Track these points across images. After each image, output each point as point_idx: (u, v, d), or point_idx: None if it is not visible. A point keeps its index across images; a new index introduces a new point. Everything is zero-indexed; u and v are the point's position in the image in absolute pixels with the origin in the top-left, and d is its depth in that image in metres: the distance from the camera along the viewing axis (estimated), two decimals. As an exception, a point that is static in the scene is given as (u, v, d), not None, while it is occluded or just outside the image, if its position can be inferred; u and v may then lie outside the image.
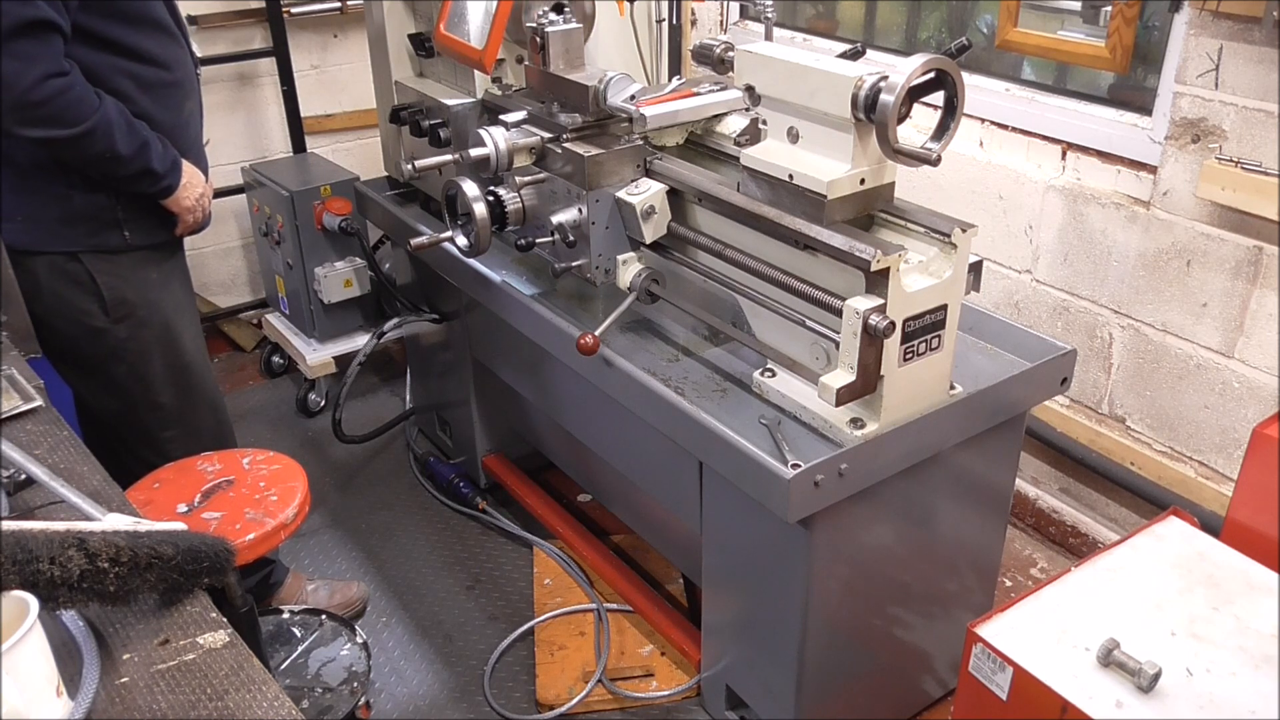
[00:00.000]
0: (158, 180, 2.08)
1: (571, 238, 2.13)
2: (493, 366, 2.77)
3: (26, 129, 1.88)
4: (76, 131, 1.90)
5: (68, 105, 1.87)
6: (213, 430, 2.36)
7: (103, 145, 1.95)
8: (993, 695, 1.63)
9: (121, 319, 2.15)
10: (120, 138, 1.96)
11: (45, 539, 1.12)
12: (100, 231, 2.09)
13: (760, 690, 2.16)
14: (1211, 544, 1.85)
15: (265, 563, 2.51)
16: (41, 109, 1.85)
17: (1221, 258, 2.30)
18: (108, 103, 1.95)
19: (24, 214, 2.03)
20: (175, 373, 2.26)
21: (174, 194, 2.13)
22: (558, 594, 2.68)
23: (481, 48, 2.27)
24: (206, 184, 2.24)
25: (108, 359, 2.18)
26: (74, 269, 2.09)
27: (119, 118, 1.97)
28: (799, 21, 3.49)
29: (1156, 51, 2.43)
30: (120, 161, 2.00)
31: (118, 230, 2.11)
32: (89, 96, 1.91)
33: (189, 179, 2.16)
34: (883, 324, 1.65)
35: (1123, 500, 2.71)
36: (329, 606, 2.59)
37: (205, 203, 2.24)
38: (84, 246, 2.08)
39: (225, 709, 1.11)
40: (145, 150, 2.02)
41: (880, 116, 1.62)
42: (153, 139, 2.04)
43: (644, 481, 2.29)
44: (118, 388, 2.21)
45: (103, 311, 2.13)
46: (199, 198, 2.19)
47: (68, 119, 1.88)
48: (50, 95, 1.84)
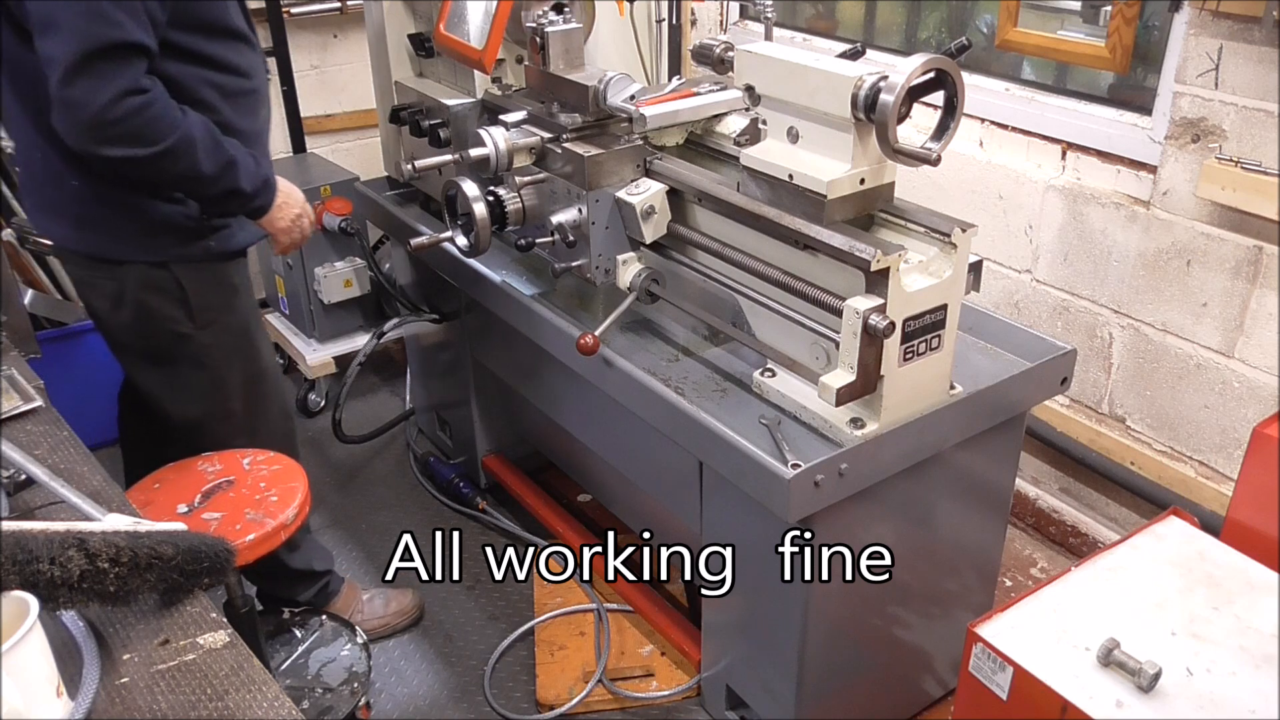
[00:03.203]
0: (247, 200, 2.01)
1: (571, 238, 2.13)
2: (493, 366, 2.77)
3: (104, 148, 1.79)
4: (155, 150, 1.81)
5: (146, 123, 1.78)
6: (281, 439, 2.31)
7: (184, 165, 1.86)
8: (993, 695, 1.63)
9: (207, 325, 2.10)
10: (204, 157, 1.88)
11: (45, 539, 1.12)
12: (185, 242, 2.03)
13: (760, 690, 2.16)
14: (1211, 544, 1.85)
15: (324, 572, 2.53)
16: (117, 127, 1.76)
17: (1221, 257, 2.30)
18: (192, 120, 1.86)
19: (107, 225, 1.98)
20: (251, 379, 2.22)
21: (266, 214, 2.06)
22: (558, 594, 2.68)
23: (481, 48, 2.26)
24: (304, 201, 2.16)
25: (190, 365, 2.13)
26: (161, 277, 2.04)
27: (204, 135, 1.88)
28: (799, 21, 3.49)
29: (1156, 51, 2.43)
30: (204, 181, 1.92)
31: (202, 240, 2.05)
32: (169, 114, 1.82)
33: (284, 198, 2.08)
34: (883, 324, 1.65)
35: (1123, 500, 2.71)
36: (384, 615, 2.60)
37: (304, 223, 2.16)
38: (169, 256, 2.03)
39: (225, 709, 1.11)
40: (231, 169, 1.94)
41: (880, 116, 1.62)
42: (241, 157, 1.96)
43: (644, 481, 2.29)
44: (195, 394, 2.17)
45: (188, 318, 2.08)
46: (295, 218, 2.12)
47: (145, 137, 1.80)
48: (127, 114, 1.75)
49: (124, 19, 1.74)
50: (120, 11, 1.73)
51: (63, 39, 1.71)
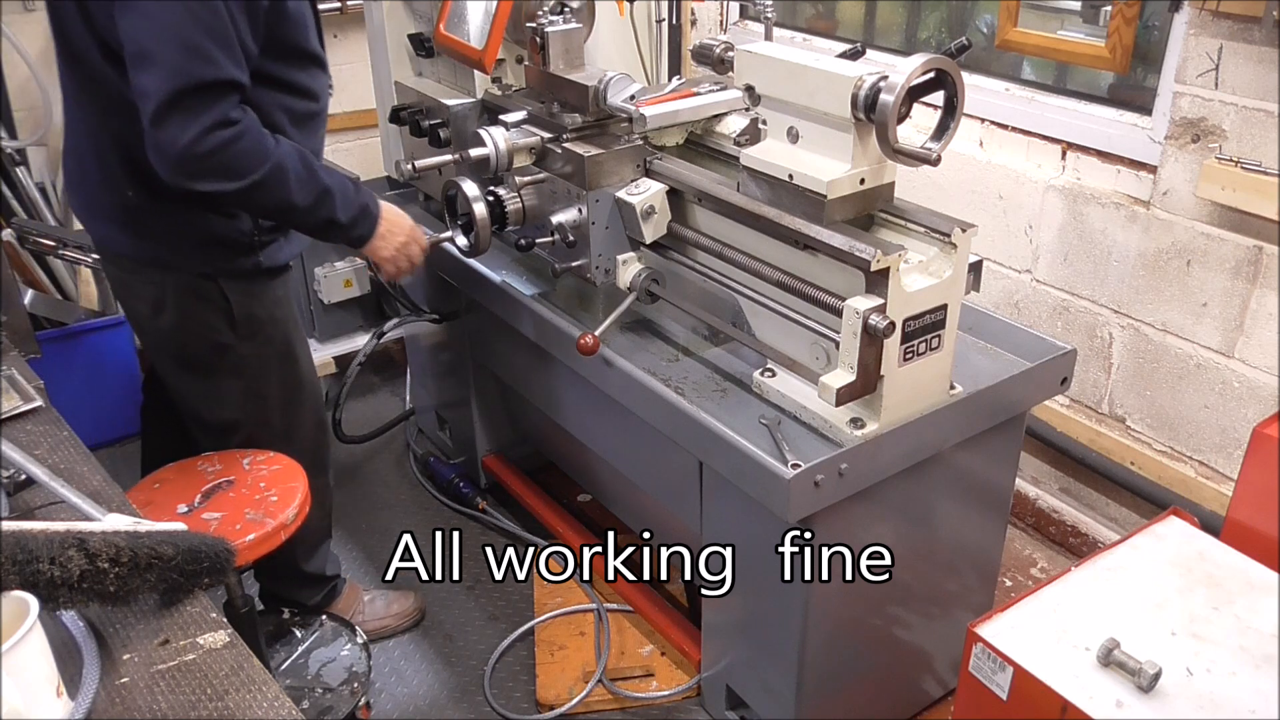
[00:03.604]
0: (345, 230, 1.97)
1: (571, 238, 2.13)
2: (493, 367, 2.77)
3: (195, 183, 1.76)
4: (245, 184, 1.78)
5: (234, 157, 1.75)
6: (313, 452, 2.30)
7: (276, 196, 1.84)
8: (993, 695, 1.63)
9: (248, 337, 2.08)
10: (296, 187, 1.84)
11: (45, 539, 1.12)
12: (234, 256, 2.01)
13: (760, 690, 2.16)
14: (1211, 544, 1.85)
15: (333, 577, 2.53)
16: (206, 161, 1.73)
17: (1221, 257, 2.30)
18: (284, 150, 1.83)
19: (158, 234, 1.96)
20: (289, 391, 2.21)
21: (368, 244, 2.02)
22: (558, 594, 2.68)
23: (481, 48, 2.26)
24: (412, 229, 2.11)
25: (228, 374, 2.11)
26: (206, 287, 2.01)
27: (296, 166, 1.84)
28: (799, 21, 3.49)
29: (1156, 51, 2.43)
30: (298, 212, 1.89)
31: (253, 255, 2.02)
32: (259, 146, 1.79)
33: (388, 226, 2.04)
34: (883, 324, 1.65)
35: (1123, 500, 2.71)
36: (385, 617, 2.60)
37: (412, 250, 2.11)
38: (216, 270, 2.00)
39: (225, 709, 1.11)
40: (326, 199, 1.90)
41: (880, 116, 1.62)
42: (338, 187, 1.92)
43: (644, 481, 2.29)
44: (231, 402, 2.15)
45: (230, 328, 2.05)
46: (400, 246, 2.07)
47: (235, 171, 1.77)
48: (215, 147, 1.72)
49: (220, 56, 1.72)
50: (217, 48, 1.71)
51: (157, 74, 1.68)
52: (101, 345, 3.22)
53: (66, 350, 3.15)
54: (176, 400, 2.21)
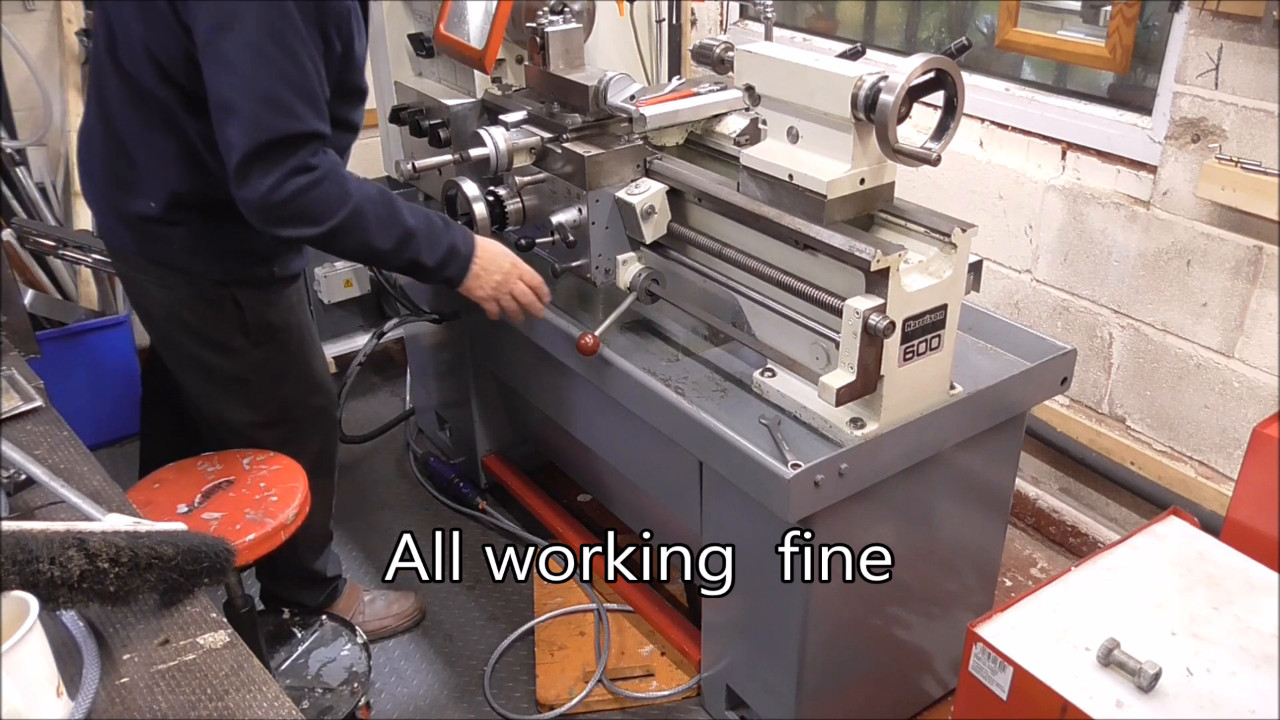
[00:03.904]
0: (433, 273, 1.95)
1: (571, 238, 2.13)
2: (493, 367, 2.77)
3: (277, 229, 1.79)
4: (325, 229, 1.79)
5: (311, 203, 1.76)
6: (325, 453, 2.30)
7: (356, 240, 1.83)
8: (993, 695, 1.63)
9: (262, 343, 2.08)
10: (376, 231, 1.83)
11: (45, 539, 1.12)
12: (251, 266, 2.01)
13: (760, 690, 2.16)
14: (1211, 544, 1.85)
15: (334, 577, 2.53)
16: (285, 209, 1.74)
17: (1221, 257, 2.30)
18: (366, 193, 1.83)
19: (175, 241, 1.95)
20: (304, 393, 2.20)
21: (462, 284, 2.00)
22: (558, 594, 2.68)
23: (481, 48, 2.26)
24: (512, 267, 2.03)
25: (240, 377, 2.10)
26: (219, 294, 2.00)
27: (376, 209, 1.84)
28: (799, 21, 3.49)
29: (1156, 51, 2.43)
30: (381, 255, 1.88)
31: (267, 265, 2.02)
32: (337, 191, 1.78)
33: (483, 265, 1.99)
34: (883, 324, 1.65)
35: (1123, 500, 2.71)
36: (385, 617, 2.59)
37: (515, 286, 2.04)
38: (231, 278, 2.00)
39: (225, 709, 1.11)
40: (409, 242, 1.88)
41: (880, 116, 1.62)
42: (422, 228, 1.90)
43: (644, 481, 2.29)
44: (241, 403, 2.14)
45: (244, 334, 2.05)
46: (497, 285, 2.02)
47: (313, 216, 1.77)
48: (293, 194, 1.73)
49: (302, 109, 1.73)
50: (299, 101, 1.72)
51: (241, 127, 1.70)
52: (101, 345, 3.22)
53: (66, 350, 3.15)
54: (186, 400, 2.21)
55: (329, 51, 1.79)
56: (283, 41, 1.69)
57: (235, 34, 1.67)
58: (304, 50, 1.72)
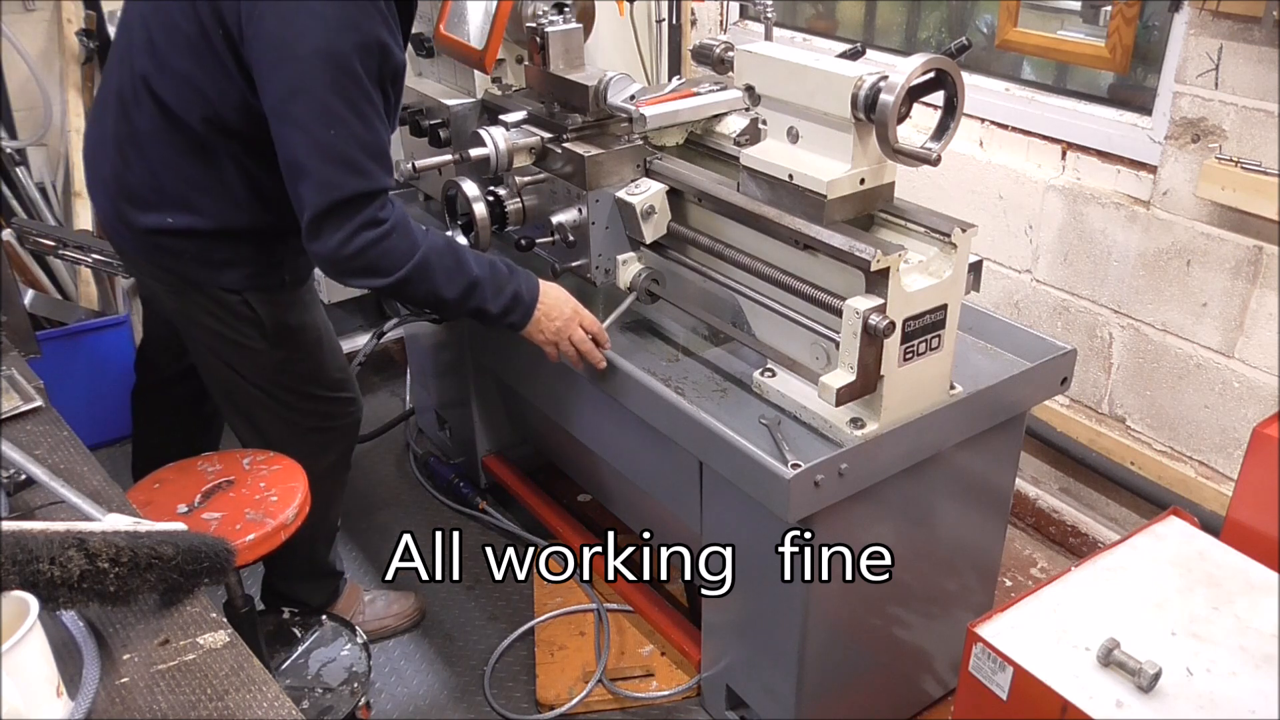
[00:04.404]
0: (497, 320, 1.98)
1: (571, 238, 2.13)
2: (493, 367, 2.77)
3: (347, 280, 1.87)
4: (392, 280, 1.83)
5: (379, 256, 1.80)
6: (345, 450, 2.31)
7: (423, 290, 1.87)
8: (993, 695, 1.63)
9: (280, 344, 2.09)
10: (442, 281, 1.87)
11: (45, 539, 1.12)
12: (264, 274, 2.02)
13: (760, 690, 2.16)
14: (1211, 544, 1.85)
15: (339, 574, 2.53)
16: (354, 262, 1.80)
17: (1221, 257, 2.30)
18: (432, 244, 1.86)
19: (186, 255, 1.96)
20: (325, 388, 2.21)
21: (524, 330, 2.02)
22: (558, 594, 2.68)
23: (481, 48, 2.26)
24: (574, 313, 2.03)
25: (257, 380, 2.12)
26: (233, 300, 2.02)
27: (443, 259, 1.87)
28: (799, 21, 3.49)
29: (1156, 51, 2.43)
30: (447, 304, 1.92)
31: (279, 272, 2.04)
32: (404, 243, 1.83)
33: (544, 311, 2.00)
34: (883, 324, 1.65)
35: (1123, 500, 2.71)
36: (385, 617, 2.59)
37: (573, 332, 2.03)
38: (246, 287, 2.01)
39: (225, 709, 1.11)
40: (475, 290, 1.91)
41: (880, 116, 1.62)
42: (486, 277, 1.92)
43: (644, 481, 2.29)
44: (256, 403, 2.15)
45: (261, 336, 2.06)
46: (556, 331, 2.02)
47: (381, 269, 1.82)
48: (361, 248, 1.78)
49: (372, 167, 1.77)
50: (369, 159, 1.76)
51: (313, 187, 1.74)
52: (101, 345, 3.21)
53: (66, 350, 3.15)
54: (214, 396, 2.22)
55: (387, 103, 1.83)
56: (351, 102, 1.72)
57: (305, 97, 1.70)
58: (371, 108, 1.76)
